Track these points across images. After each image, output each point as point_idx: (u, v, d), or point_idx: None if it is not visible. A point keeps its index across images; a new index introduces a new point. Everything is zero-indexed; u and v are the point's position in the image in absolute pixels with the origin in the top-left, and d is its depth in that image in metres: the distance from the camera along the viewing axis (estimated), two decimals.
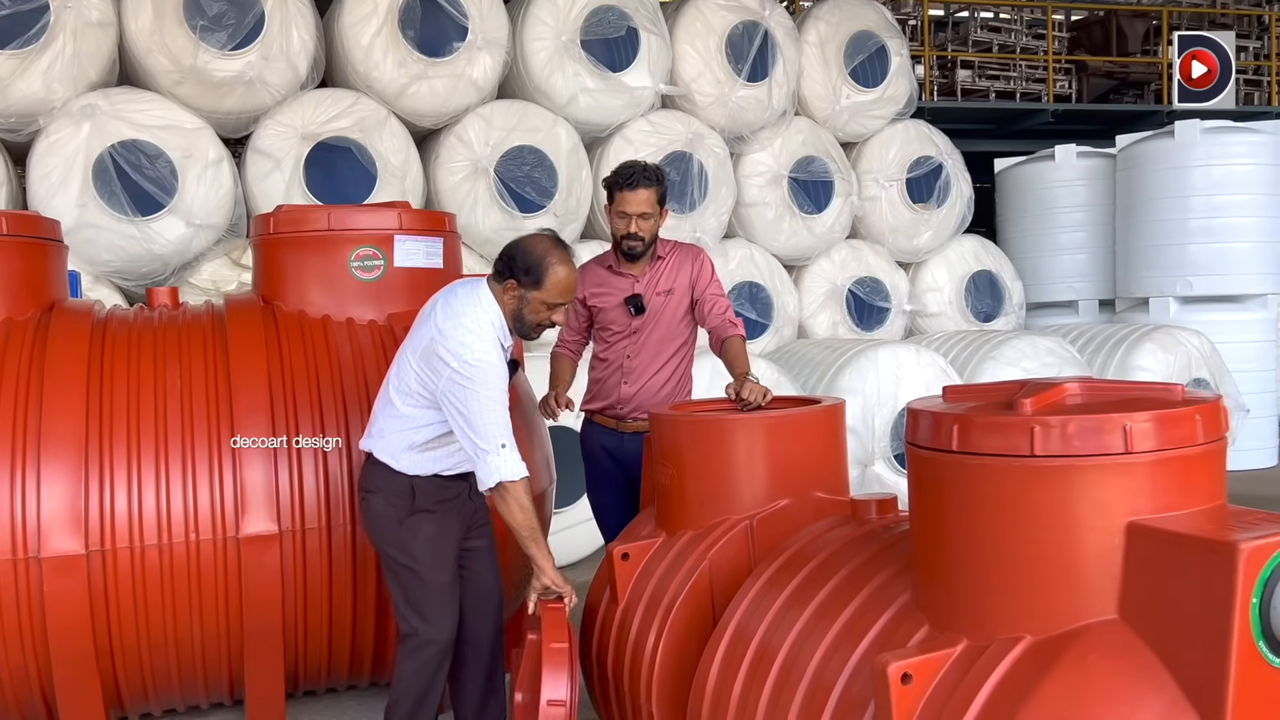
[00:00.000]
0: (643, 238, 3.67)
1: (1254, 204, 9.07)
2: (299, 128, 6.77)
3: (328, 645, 3.60)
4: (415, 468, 3.01)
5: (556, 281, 2.92)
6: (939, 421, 1.94)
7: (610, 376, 3.84)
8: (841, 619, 2.22)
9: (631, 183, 3.64)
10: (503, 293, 2.96)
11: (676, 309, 3.78)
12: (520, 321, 2.98)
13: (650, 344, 3.79)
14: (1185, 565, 1.68)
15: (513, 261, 2.94)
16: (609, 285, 3.81)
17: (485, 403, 2.84)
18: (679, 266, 3.79)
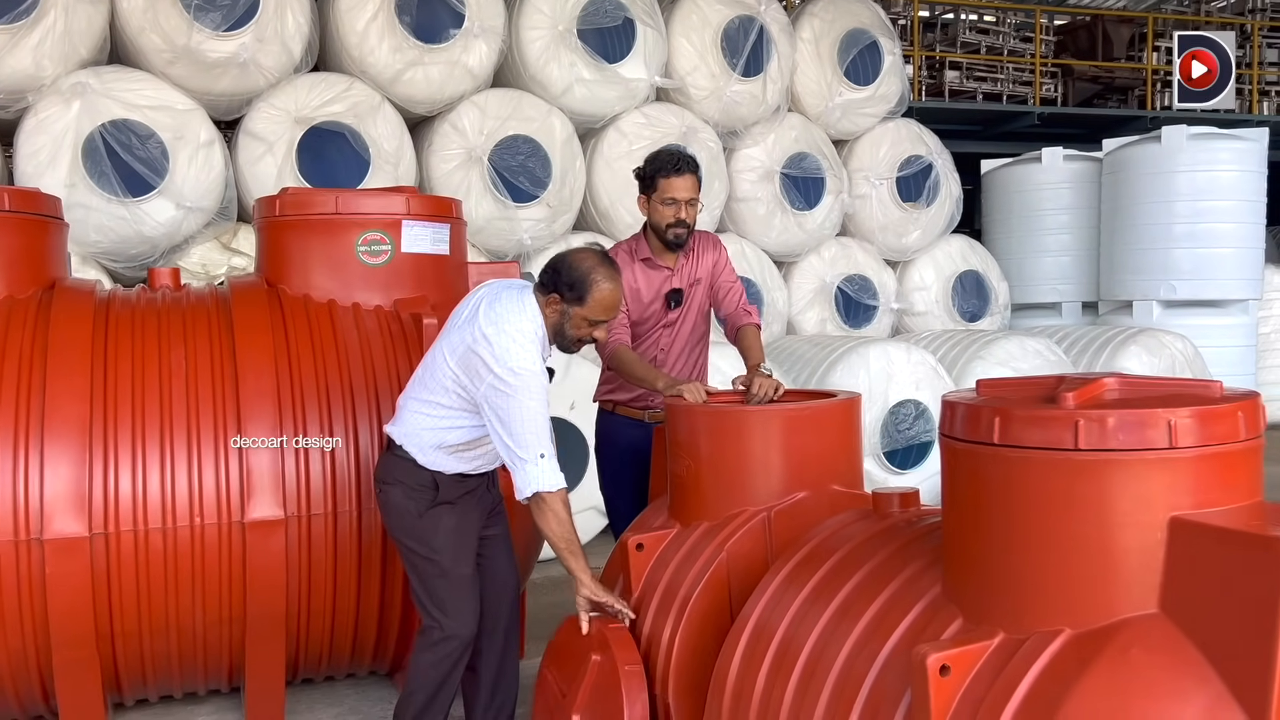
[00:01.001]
0: (689, 224, 3.63)
1: (1237, 210, 9.20)
2: (292, 111, 6.70)
3: (329, 633, 3.57)
4: (441, 466, 2.99)
5: (601, 299, 2.89)
6: (979, 414, 1.94)
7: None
8: (870, 612, 2.21)
9: (678, 168, 3.58)
10: (545, 305, 2.92)
11: (704, 298, 3.79)
12: (561, 336, 2.95)
13: (683, 335, 3.77)
14: (1230, 561, 1.68)
15: (558, 276, 2.90)
16: (643, 279, 3.72)
17: (526, 411, 2.81)
18: (703, 254, 3.77)
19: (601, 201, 7.79)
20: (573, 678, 2.87)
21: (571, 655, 2.93)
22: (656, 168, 3.61)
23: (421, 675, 2.99)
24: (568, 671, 2.92)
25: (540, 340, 2.90)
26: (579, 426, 5.97)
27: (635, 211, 7.74)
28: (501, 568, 3.20)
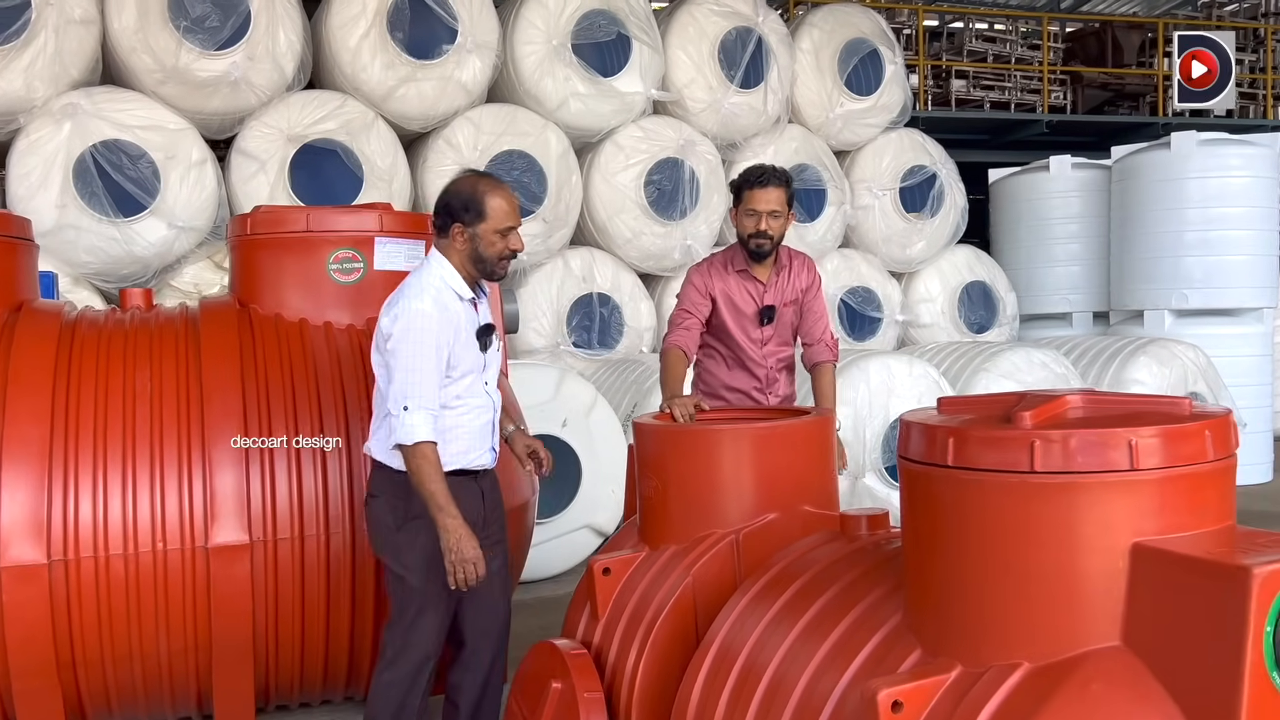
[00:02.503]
0: (771, 236, 3.64)
1: (1250, 217, 9.01)
2: (285, 129, 6.68)
3: (300, 659, 3.48)
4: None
5: (497, 205, 2.87)
6: (933, 435, 1.84)
7: (750, 389, 3.83)
8: (830, 640, 2.11)
9: (763, 180, 3.63)
10: (452, 244, 2.89)
11: (794, 319, 3.84)
12: (481, 261, 2.90)
13: (781, 355, 3.83)
14: (1194, 590, 1.58)
15: (449, 207, 2.89)
16: (736, 292, 3.76)
17: (411, 359, 2.77)
18: (798, 274, 3.81)
19: (599, 215, 7.73)
20: (535, 706, 2.78)
21: (535, 683, 2.84)
22: (743, 180, 3.69)
23: (380, 696, 2.91)
24: (531, 700, 2.83)
25: (449, 286, 2.87)
26: (571, 444, 5.88)
27: (634, 226, 7.75)
28: (490, 602, 3.08)
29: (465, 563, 2.76)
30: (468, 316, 2.92)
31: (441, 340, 2.81)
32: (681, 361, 3.75)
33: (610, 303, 7.67)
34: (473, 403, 2.95)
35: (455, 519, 2.76)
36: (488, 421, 3.02)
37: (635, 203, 7.64)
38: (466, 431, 2.94)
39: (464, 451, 2.95)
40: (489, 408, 3.02)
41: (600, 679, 2.76)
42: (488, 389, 3.02)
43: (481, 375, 2.99)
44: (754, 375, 3.83)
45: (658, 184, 7.69)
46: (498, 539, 3.13)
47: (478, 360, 2.95)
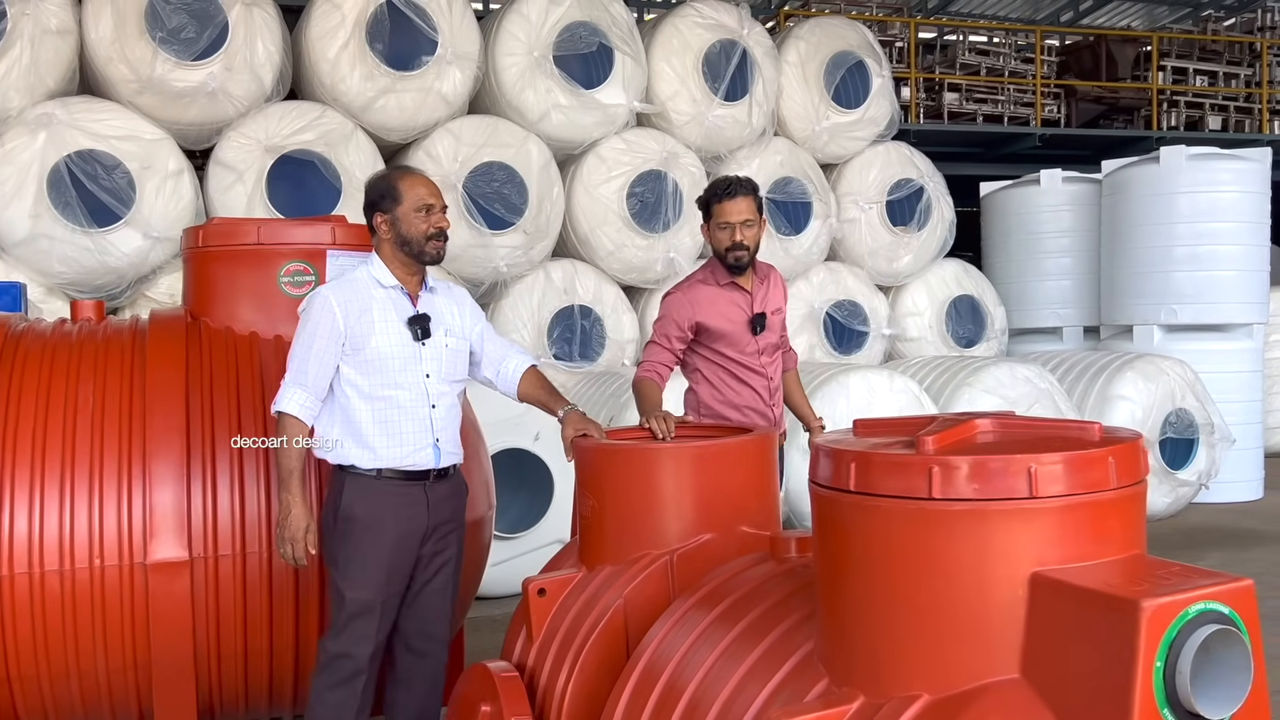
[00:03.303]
0: (748, 246, 3.63)
1: (1239, 232, 8.96)
2: (263, 140, 6.67)
3: (244, 675, 3.44)
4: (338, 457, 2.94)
5: (411, 186, 2.96)
6: (839, 458, 1.80)
7: (758, 401, 3.77)
8: (746, 664, 2.07)
9: (730, 191, 3.62)
10: (383, 237, 2.97)
11: (780, 329, 3.87)
12: (407, 243, 2.94)
13: (775, 363, 3.84)
14: (1088, 623, 1.53)
15: (371, 202, 2.99)
16: (724, 305, 3.73)
17: (300, 338, 2.91)
18: (775, 287, 3.84)
19: (581, 228, 7.70)
20: None
21: (467, 706, 2.79)
22: (710, 194, 3.68)
23: (316, 704, 2.90)
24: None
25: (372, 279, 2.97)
26: (544, 458, 5.84)
27: (616, 238, 7.72)
28: (430, 617, 3.07)
29: (286, 540, 2.84)
30: (393, 303, 2.95)
31: (335, 322, 2.87)
32: (656, 389, 3.73)
33: (592, 315, 7.63)
34: (402, 395, 2.93)
35: (292, 495, 2.85)
36: (424, 416, 2.98)
37: (618, 215, 7.62)
38: (398, 425, 2.93)
39: (397, 445, 2.93)
40: (424, 402, 2.97)
41: (531, 702, 2.71)
42: (428, 382, 2.98)
43: (419, 366, 2.97)
44: (756, 389, 3.77)
45: (640, 196, 7.66)
46: (444, 551, 3.08)
47: (408, 349, 2.94)
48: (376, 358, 2.91)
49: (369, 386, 2.92)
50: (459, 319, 3.12)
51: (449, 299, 3.12)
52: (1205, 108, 12.60)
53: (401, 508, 2.95)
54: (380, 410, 2.93)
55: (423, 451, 2.98)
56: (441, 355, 3.03)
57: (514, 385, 3.21)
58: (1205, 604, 1.49)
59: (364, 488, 2.92)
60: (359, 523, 2.90)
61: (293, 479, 2.86)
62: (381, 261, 2.99)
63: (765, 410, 3.77)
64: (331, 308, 2.90)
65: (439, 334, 3.02)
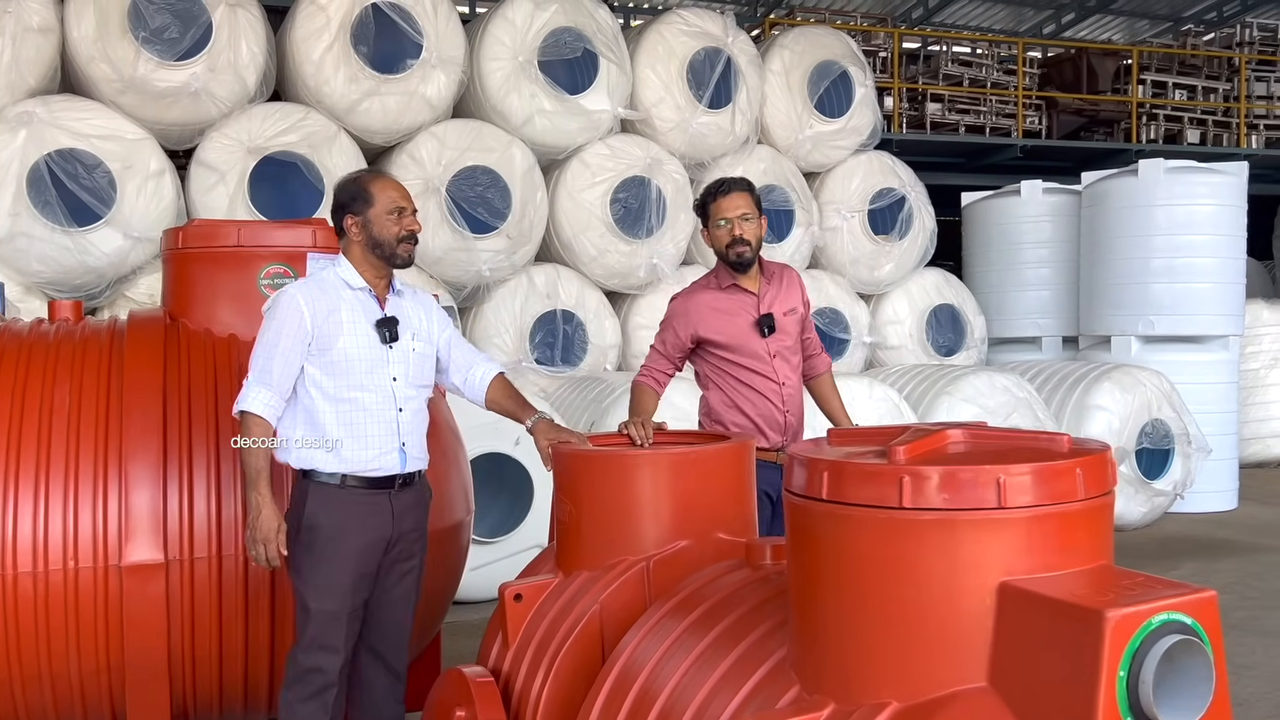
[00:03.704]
0: (749, 242, 3.52)
1: (1216, 245, 9.05)
2: (245, 141, 6.65)
3: (218, 679, 3.43)
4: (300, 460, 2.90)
5: (382, 188, 2.94)
6: (812, 467, 1.81)
7: (770, 408, 3.59)
8: (719, 671, 2.08)
9: (724, 189, 3.54)
10: (349, 239, 2.96)
11: (799, 330, 3.68)
12: (378, 246, 2.93)
13: (792, 366, 3.64)
14: (1053, 632, 1.55)
15: (340, 204, 2.98)
16: (727, 309, 3.59)
17: (265, 336, 2.89)
18: (790, 287, 3.67)
19: (564, 233, 7.71)
20: None
21: (442, 711, 2.79)
22: (706, 195, 3.60)
23: (287, 715, 2.87)
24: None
25: (339, 281, 2.95)
26: (524, 463, 5.84)
27: (599, 243, 7.73)
28: (389, 629, 3.04)
29: (257, 542, 2.80)
30: (360, 305, 2.93)
31: (303, 322, 2.84)
32: (650, 395, 3.68)
33: (574, 320, 7.64)
34: (368, 398, 2.91)
35: (261, 495, 2.80)
36: (391, 419, 2.94)
37: (601, 220, 7.63)
38: (364, 428, 2.90)
39: (362, 448, 2.89)
40: (390, 406, 2.94)
41: (506, 707, 2.72)
42: (395, 386, 2.95)
43: (386, 369, 2.94)
44: (767, 395, 3.59)
45: (624, 202, 7.68)
46: (409, 560, 3.06)
47: (375, 352, 2.91)
48: (343, 359, 2.88)
49: (335, 388, 2.89)
50: (426, 324, 3.10)
51: (416, 303, 3.10)
52: (1184, 121, 12.73)
53: (366, 517, 2.92)
54: (346, 412, 2.89)
55: (388, 455, 2.94)
56: (409, 359, 3.00)
57: (481, 393, 3.19)
58: (1168, 614, 1.51)
59: (327, 497, 2.88)
60: (323, 532, 2.86)
61: (260, 479, 2.82)
62: (350, 263, 2.97)
63: (777, 417, 3.59)
64: (299, 306, 2.87)
65: (406, 338, 2.99)
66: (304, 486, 2.92)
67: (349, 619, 2.92)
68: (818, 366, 3.79)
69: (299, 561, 2.88)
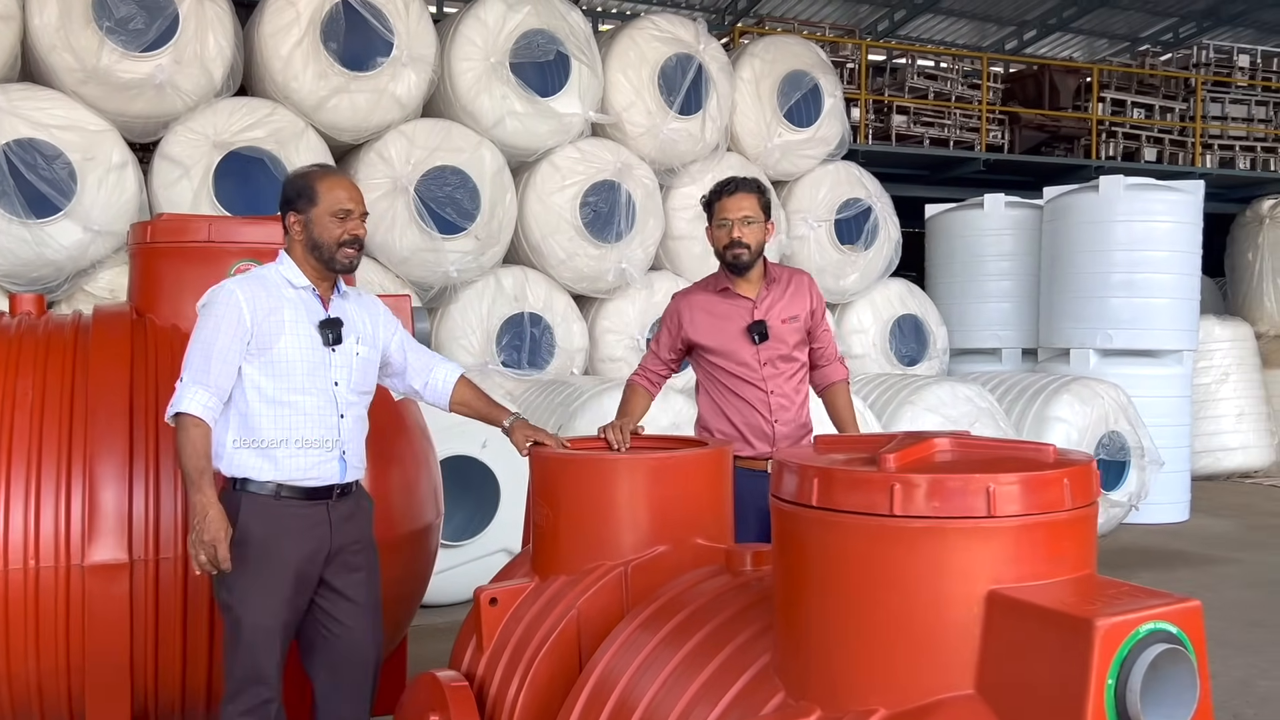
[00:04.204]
0: (748, 245, 3.40)
1: (1173, 261, 9.24)
2: (211, 135, 6.55)
3: (180, 681, 3.36)
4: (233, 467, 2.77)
5: (329, 188, 2.83)
6: (801, 474, 1.82)
7: (755, 417, 3.49)
8: (701, 678, 2.08)
9: (730, 188, 3.44)
10: (294, 238, 2.86)
11: (799, 338, 3.53)
12: (318, 248, 2.81)
13: (786, 375, 3.49)
14: (1042, 640, 1.56)
15: (285, 199, 2.87)
16: (719, 313, 3.49)
17: (200, 333, 2.76)
18: (798, 293, 3.53)
19: (533, 235, 7.68)
20: None
21: (414, 715, 2.76)
22: (712, 194, 3.50)
23: None
24: None
25: (273, 276, 2.84)
26: (490, 466, 5.80)
27: (568, 247, 7.72)
28: (348, 644, 2.90)
29: (203, 545, 2.63)
30: (303, 304, 2.82)
31: (241, 318, 2.72)
32: (641, 396, 3.62)
33: (542, 323, 7.61)
34: (308, 402, 2.79)
35: (206, 496, 2.64)
36: (331, 425, 2.83)
37: (570, 224, 7.62)
38: (302, 433, 2.78)
39: (300, 454, 2.77)
40: (332, 410, 2.83)
41: (480, 712, 2.69)
42: (336, 390, 2.84)
43: (328, 373, 2.82)
44: (754, 404, 3.48)
45: (594, 206, 7.68)
46: (357, 572, 2.92)
47: (316, 354, 2.80)
48: (283, 360, 2.76)
49: (274, 390, 2.75)
50: (371, 327, 2.98)
51: (360, 306, 2.98)
52: (1142, 139, 12.97)
53: (303, 530, 2.79)
54: (284, 416, 2.77)
55: (327, 464, 2.82)
56: (352, 363, 2.88)
57: (445, 396, 3.09)
58: (1155, 624, 1.53)
59: (261, 508, 2.75)
60: (256, 546, 2.73)
61: (203, 479, 2.66)
62: (293, 261, 2.85)
63: (764, 427, 3.47)
64: (238, 302, 2.73)
65: (350, 340, 2.88)
66: (235, 497, 2.76)
67: (283, 633, 2.81)
68: (829, 376, 3.64)
69: (229, 575, 2.72)
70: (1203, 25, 16.80)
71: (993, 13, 16.80)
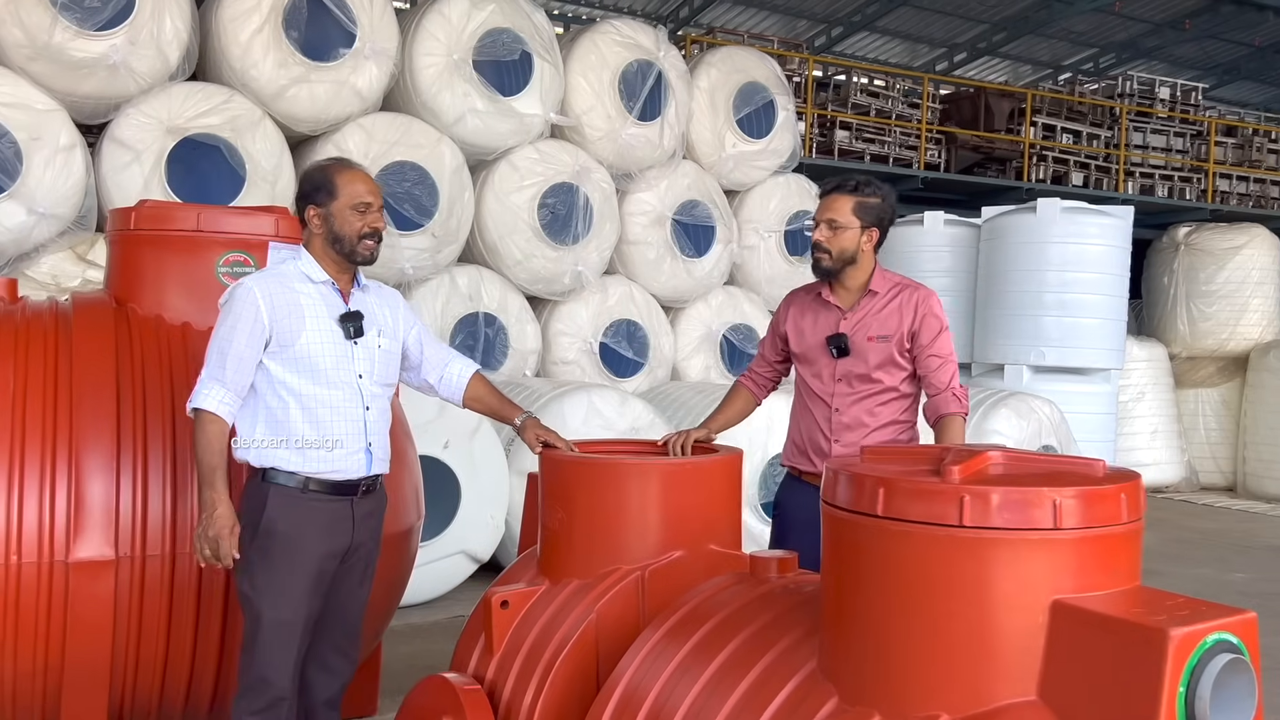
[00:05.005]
0: (829, 250, 3.19)
1: (1102, 283, 9.60)
2: (164, 120, 6.36)
3: (160, 683, 3.26)
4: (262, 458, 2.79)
5: (349, 181, 2.84)
6: (862, 483, 1.86)
7: (816, 432, 3.33)
8: (743, 685, 2.10)
9: (827, 188, 3.24)
10: (310, 231, 2.87)
11: (884, 359, 3.22)
12: (339, 241, 2.83)
13: (860, 396, 3.24)
14: (1112, 649, 1.62)
15: (303, 193, 2.88)
16: (811, 318, 3.34)
17: (220, 330, 2.79)
18: (896, 311, 3.23)
19: (490, 235, 7.63)
20: None
21: (424, 718, 2.73)
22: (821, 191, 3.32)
23: None
24: None
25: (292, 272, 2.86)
26: (452, 467, 5.75)
27: (525, 247, 7.68)
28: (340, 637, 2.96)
29: (208, 539, 2.68)
30: (323, 298, 2.84)
31: (259, 316, 2.74)
32: (740, 398, 3.50)
33: (496, 323, 7.56)
34: (335, 395, 2.81)
35: (217, 493, 2.69)
36: (357, 419, 2.85)
37: (528, 224, 7.59)
38: (330, 427, 2.80)
39: (328, 449, 2.79)
40: (357, 403, 2.85)
41: (494, 716, 2.67)
42: (361, 383, 2.86)
43: (352, 366, 2.85)
44: (817, 420, 3.31)
45: (552, 208, 7.65)
46: (364, 567, 2.98)
47: (339, 348, 2.83)
48: (306, 356, 2.79)
49: (299, 385, 2.79)
50: (391, 320, 3.02)
51: (381, 299, 3.02)
52: (1070, 164, 13.44)
53: (327, 525, 2.82)
54: (311, 411, 2.80)
55: (355, 456, 2.85)
56: (374, 356, 2.92)
57: (460, 391, 3.14)
58: (1220, 634, 1.61)
59: (289, 501, 2.77)
60: (281, 539, 2.75)
61: (216, 475, 2.71)
62: (312, 256, 2.88)
63: (821, 444, 3.29)
64: (255, 300, 2.76)
65: (372, 334, 2.91)
66: (262, 488, 2.79)
67: (303, 629, 2.82)
68: (938, 408, 3.22)
69: (252, 566, 2.76)
70: (1121, 57, 17.46)
71: (925, 34, 17.22)
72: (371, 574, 3.04)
